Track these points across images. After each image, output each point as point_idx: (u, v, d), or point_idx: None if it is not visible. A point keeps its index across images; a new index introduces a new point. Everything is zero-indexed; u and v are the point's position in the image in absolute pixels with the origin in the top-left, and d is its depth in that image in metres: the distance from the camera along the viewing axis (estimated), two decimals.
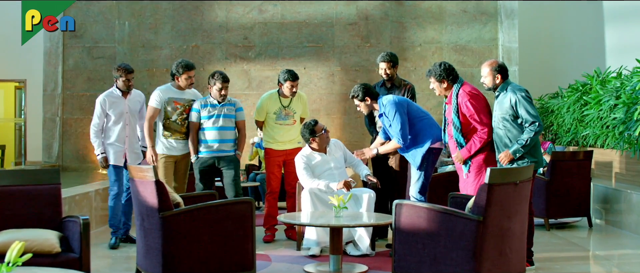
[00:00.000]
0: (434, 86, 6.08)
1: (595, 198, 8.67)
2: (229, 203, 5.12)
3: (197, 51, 12.31)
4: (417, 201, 6.24)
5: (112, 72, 7.13)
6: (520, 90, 5.76)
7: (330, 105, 12.24)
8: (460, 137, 5.88)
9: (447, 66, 6.01)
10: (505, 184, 4.61)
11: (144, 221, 4.96)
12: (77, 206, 7.61)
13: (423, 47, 12.27)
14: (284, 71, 7.38)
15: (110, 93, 7.10)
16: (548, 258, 6.46)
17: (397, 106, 6.26)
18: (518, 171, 4.78)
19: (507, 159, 5.67)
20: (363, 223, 5.78)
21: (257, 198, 10.13)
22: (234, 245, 5.00)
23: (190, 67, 7.06)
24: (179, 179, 7.18)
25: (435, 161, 6.47)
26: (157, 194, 4.76)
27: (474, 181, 5.92)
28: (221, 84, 6.98)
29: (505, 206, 4.64)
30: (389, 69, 7.09)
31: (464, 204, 5.27)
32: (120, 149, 7.07)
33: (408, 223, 4.83)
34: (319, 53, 12.32)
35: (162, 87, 7.14)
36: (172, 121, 7.03)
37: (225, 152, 7.02)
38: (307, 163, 6.81)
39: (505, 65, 5.92)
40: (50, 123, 12.36)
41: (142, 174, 4.92)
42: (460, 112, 5.86)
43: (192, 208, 4.92)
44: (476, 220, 4.51)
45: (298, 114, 7.53)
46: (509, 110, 5.72)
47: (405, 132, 6.23)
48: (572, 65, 12.96)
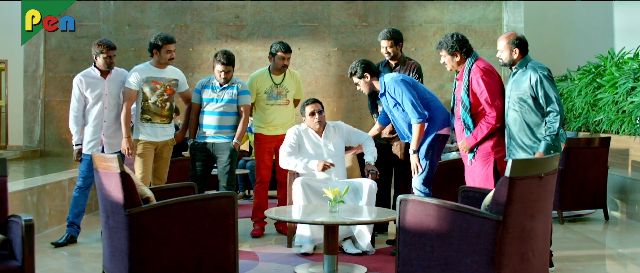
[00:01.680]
0: (445, 60, 5.42)
1: (611, 189, 8.03)
2: (207, 198, 4.42)
3: (186, 30, 11.76)
4: (422, 195, 5.61)
5: (92, 49, 6.36)
6: (542, 68, 5.09)
7: (326, 87, 11.71)
8: (469, 118, 5.23)
9: (460, 37, 5.34)
10: (528, 177, 3.93)
11: (109, 219, 4.29)
12: (48, 196, 6.94)
13: (423, 27, 11.75)
14: (276, 42, 6.81)
15: (87, 72, 6.38)
16: (567, 257, 5.81)
17: (402, 83, 5.59)
18: (543, 162, 4.09)
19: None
20: (362, 220, 5.08)
21: (247, 187, 9.52)
22: (213, 246, 4.33)
23: (170, 39, 6.39)
24: (160, 169, 6.52)
25: (442, 149, 5.79)
26: (123, 188, 4.07)
27: (480, 171, 5.26)
28: (221, 67, 6.43)
29: (529, 203, 3.96)
30: (391, 47, 6.38)
31: (478, 199, 4.62)
32: (97, 137, 6.36)
33: (414, 222, 4.15)
34: (315, 33, 11.77)
35: (139, 66, 6.45)
36: (150, 103, 6.36)
37: (221, 138, 6.46)
38: (296, 141, 6.23)
39: (525, 38, 5.24)
40: (31, 106, 11.79)
41: (106, 164, 4.23)
42: (470, 90, 5.20)
43: (164, 204, 4.23)
44: (495, 219, 3.84)
45: (291, 94, 6.89)
46: (527, 90, 5.05)
47: (419, 107, 5.54)
48: (580, 46, 12.51)
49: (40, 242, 6.33)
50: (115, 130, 6.40)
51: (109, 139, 6.38)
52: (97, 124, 6.34)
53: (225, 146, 6.46)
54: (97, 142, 6.35)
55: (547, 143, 4.96)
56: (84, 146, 6.38)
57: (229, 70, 6.46)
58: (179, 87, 6.55)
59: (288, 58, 6.78)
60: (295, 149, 6.23)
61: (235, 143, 6.48)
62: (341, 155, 6.31)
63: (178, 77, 6.55)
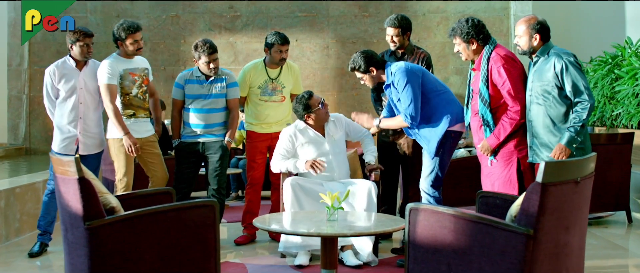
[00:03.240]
0: (459, 48, 4.78)
1: (634, 189, 7.39)
2: (183, 207, 3.77)
3: (177, 21, 11.24)
4: (431, 199, 5.00)
5: (66, 38, 5.73)
6: (567, 54, 4.47)
7: (324, 81, 11.18)
8: (488, 113, 4.60)
9: (476, 22, 4.71)
10: (563, 183, 3.30)
11: (68, 233, 3.65)
12: (19, 201, 6.30)
13: (426, 17, 11.24)
14: (272, 33, 6.14)
15: (61, 62, 5.76)
16: (595, 267, 5.19)
17: (409, 75, 4.95)
18: (579, 164, 3.46)
19: (564, 155, 4.38)
20: (366, 231, 4.42)
21: (239, 187, 8.88)
22: (190, 263, 3.68)
23: (134, 28, 5.70)
24: (157, 166, 5.87)
25: (454, 148, 5.16)
26: (81, 196, 3.42)
27: (501, 173, 4.64)
28: (208, 57, 5.78)
29: (564, 213, 3.33)
30: (397, 36, 5.74)
31: (499, 206, 3.99)
32: (71, 135, 5.74)
33: (427, 235, 3.52)
34: (312, 23, 11.26)
35: (109, 59, 5.77)
36: (133, 96, 5.74)
37: (211, 137, 5.85)
38: (293, 145, 5.56)
39: (546, 23, 4.61)
40: (16, 101, 11.23)
41: (63, 168, 3.59)
42: (490, 81, 4.57)
43: (131, 215, 3.58)
44: (524, 233, 3.21)
45: (287, 89, 6.23)
46: (552, 80, 4.42)
47: (416, 108, 4.93)
48: (591, 37, 11.96)
49: (10, 251, 5.78)
50: (92, 129, 5.77)
51: (85, 138, 5.75)
52: (71, 121, 5.73)
53: (216, 145, 5.85)
54: (71, 141, 5.73)
55: (570, 135, 4.35)
56: (55, 145, 5.78)
57: (217, 58, 5.85)
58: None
59: (286, 50, 6.12)
60: (291, 153, 5.59)
61: (227, 141, 5.87)
62: (343, 152, 5.68)
63: (147, 66, 5.95)
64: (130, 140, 5.63)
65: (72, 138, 5.72)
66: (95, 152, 5.81)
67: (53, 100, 5.79)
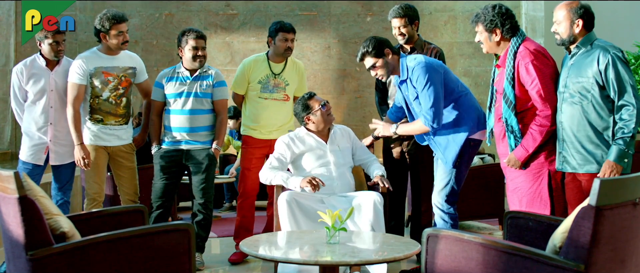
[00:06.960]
0: (481, 37, 4.14)
1: None
2: (150, 232, 3.11)
3: (171, 20, 10.78)
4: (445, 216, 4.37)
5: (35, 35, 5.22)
6: (614, 48, 3.83)
7: (325, 83, 10.69)
8: (513, 117, 3.96)
9: (503, 10, 4.07)
10: (620, 206, 2.66)
11: (10, 263, 3.02)
12: None
13: (433, 16, 10.76)
14: (276, 21, 5.60)
15: (29, 61, 5.22)
16: None
17: (431, 71, 4.30)
18: (636, 181, 2.81)
19: (615, 172, 3.72)
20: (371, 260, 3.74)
21: (233, 197, 8.31)
22: None
23: (120, 18, 5.13)
24: (128, 181, 5.27)
25: (473, 157, 4.52)
26: (22, 220, 2.78)
27: (529, 188, 3.99)
28: (195, 42, 5.16)
29: (620, 243, 2.69)
30: (404, 27, 5.17)
31: (532, 229, 3.34)
32: (40, 143, 5.17)
33: (449, 267, 2.87)
34: (313, 23, 10.84)
35: (84, 54, 5.21)
36: (102, 100, 5.13)
37: (196, 144, 5.23)
38: (289, 148, 4.92)
39: (591, 9, 3.98)
40: (1, 104, 10.59)
41: (2, 184, 2.95)
42: (516, 79, 3.93)
43: (85, 242, 2.93)
44: (573, 268, 2.57)
45: (291, 88, 5.65)
46: (593, 77, 3.77)
47: (439, 110, 4.29)
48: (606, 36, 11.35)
49: None
50: (64, 135, 5.18)
51: (57, 147, 5.17)
52: (40, 127, 5.14)
53: (201, 153, 5.22)
54: (40, 149, 5.15)
55: (619, 148, 3.70)
56: (23, 153, 5.18)
57: (205, 47, 5.26)
58: (136, 77, 5.31)
59: (291, 40, 5.58)
60: (285, 164, 4.94)
61: (215, 149, 5.24)
62: (349, 165, 5.02)
63: (135, 64, 5.30)
64: (82, 152, 5.03)
65: (41, 146, 5.17)
66: (68, 162, 5.21)
67: (21, 103, 5.29)
